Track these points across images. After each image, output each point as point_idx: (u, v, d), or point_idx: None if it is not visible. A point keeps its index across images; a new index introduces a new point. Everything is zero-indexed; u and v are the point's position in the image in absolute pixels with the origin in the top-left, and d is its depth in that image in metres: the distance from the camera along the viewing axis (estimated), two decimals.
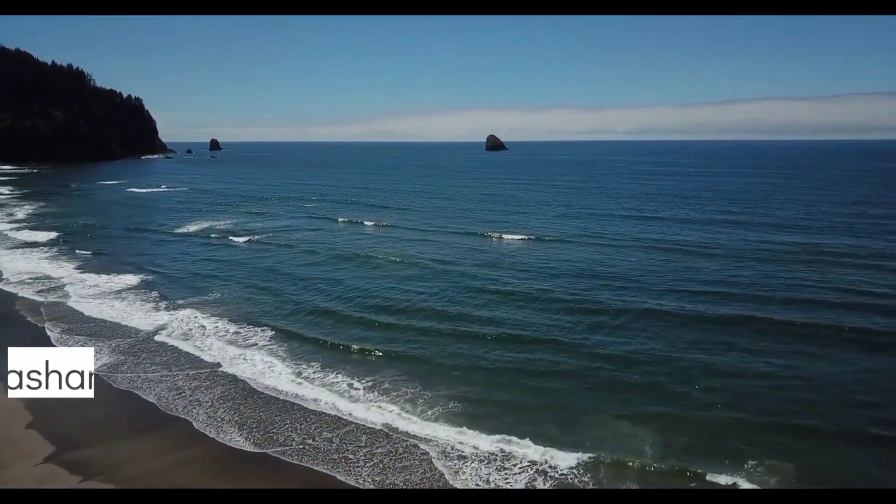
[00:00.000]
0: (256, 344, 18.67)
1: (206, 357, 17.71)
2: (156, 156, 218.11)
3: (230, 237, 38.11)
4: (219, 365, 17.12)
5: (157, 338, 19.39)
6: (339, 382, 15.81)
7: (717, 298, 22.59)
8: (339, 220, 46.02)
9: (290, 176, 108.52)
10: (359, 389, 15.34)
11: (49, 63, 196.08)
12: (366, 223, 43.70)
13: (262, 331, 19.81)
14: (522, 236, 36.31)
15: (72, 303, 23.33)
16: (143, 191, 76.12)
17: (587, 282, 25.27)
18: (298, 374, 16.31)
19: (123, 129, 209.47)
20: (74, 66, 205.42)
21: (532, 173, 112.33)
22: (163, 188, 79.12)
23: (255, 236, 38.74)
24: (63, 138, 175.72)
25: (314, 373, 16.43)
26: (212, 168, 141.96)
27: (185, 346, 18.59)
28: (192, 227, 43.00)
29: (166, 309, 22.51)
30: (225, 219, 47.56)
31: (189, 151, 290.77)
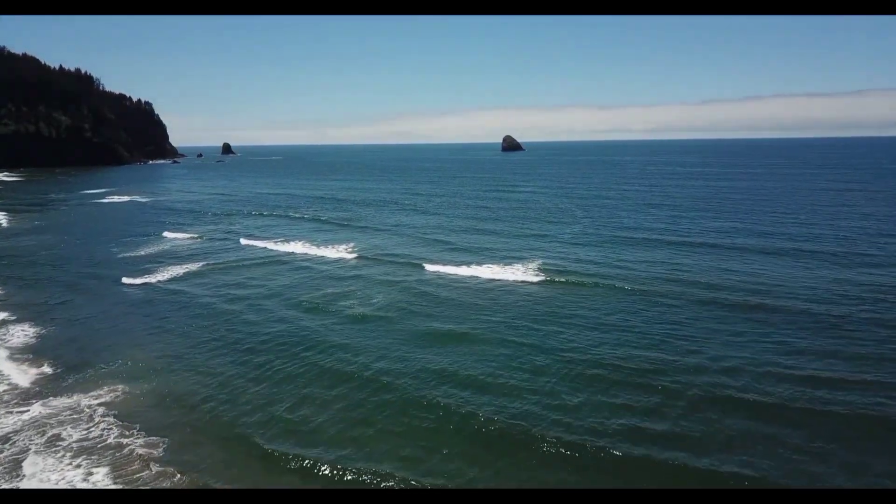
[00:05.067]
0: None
1: None
2: (164, 160, 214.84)
3: (158, 276, 30.29)
4: None
5: None
6: None
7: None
8: (303, 251, 36.17)
9: (284, 183, 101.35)
10: None
11: (57, 67, 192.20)
12: (336, 255, 34.69)
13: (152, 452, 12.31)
14: (535, 277, 27.68)
15: None
16: (121, 200, 69.98)
17: (627, 377, 16.77)
18: None
19: (133, 133, 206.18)
20: (83, 71, 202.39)
21: (549, 177, 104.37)
22: (145, 198, 72.59)
23: (193, 268, 31.56)
24: (68, 143, 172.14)
25: None
26: (211, 174, 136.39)
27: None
28: (131, 254, 35.81)
29: (26, 400, 15.26)
30: (170, 245, 39.95)
31: (200, 155, 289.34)
